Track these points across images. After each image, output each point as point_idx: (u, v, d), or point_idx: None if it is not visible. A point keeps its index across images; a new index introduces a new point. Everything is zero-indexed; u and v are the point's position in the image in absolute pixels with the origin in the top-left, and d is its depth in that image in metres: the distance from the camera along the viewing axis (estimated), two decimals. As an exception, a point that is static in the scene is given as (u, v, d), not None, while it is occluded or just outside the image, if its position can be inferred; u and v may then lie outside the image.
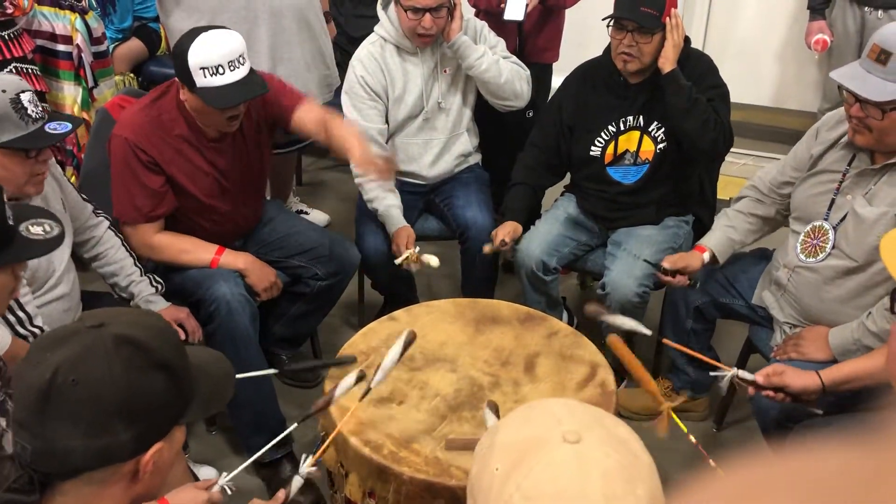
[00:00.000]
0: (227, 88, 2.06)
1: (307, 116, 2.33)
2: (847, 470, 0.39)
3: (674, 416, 1.72)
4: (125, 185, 2.21)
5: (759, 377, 1.87)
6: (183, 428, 1.10)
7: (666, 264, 2.27)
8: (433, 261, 2.39)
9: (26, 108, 1.83)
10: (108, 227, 2.24)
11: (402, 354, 1.61)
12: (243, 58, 2.10)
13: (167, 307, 2.23)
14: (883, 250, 1.58)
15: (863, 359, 1.87)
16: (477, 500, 0.94)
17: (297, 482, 1.50)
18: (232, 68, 2.06)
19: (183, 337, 2.19)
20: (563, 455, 0.89)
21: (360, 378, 1.66)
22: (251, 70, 2.13)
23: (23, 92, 1.84)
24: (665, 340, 2.13)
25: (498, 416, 1.55)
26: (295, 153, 3.36)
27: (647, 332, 1.84)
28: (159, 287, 2.27)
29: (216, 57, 2.04)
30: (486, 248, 2.47)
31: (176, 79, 2.18)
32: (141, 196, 2.20)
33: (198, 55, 2.04)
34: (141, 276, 2.25)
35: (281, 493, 1.47)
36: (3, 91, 1.81)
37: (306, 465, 1.52)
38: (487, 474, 0.92)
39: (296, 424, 1.71)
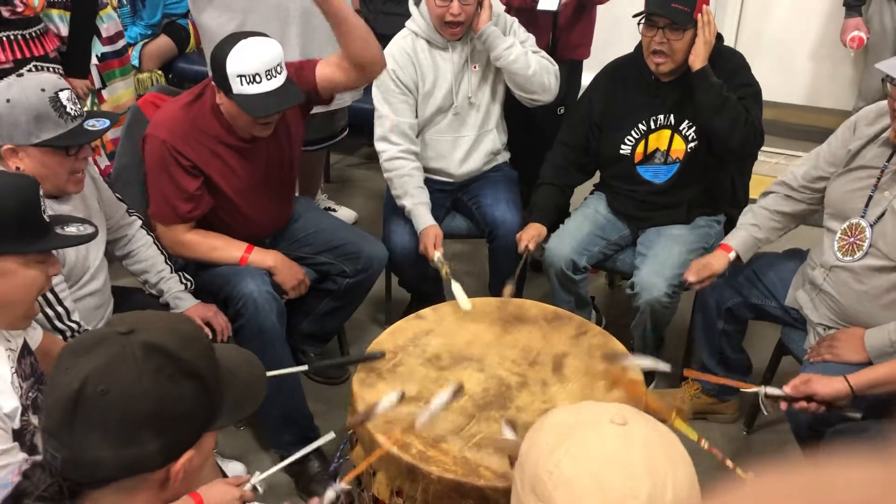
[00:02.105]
0: (263, 97, 2.07)
1: (327, 69, 2.28)
2: (867, 481, 0.39)
3: (683, 427, 1.66)
4: (161, 187, 2.22)
5: (787, 389, 1.84)
6: (214, 434, 1.09)
7: (691, 278, 2.23)
8: (465, 304, 2.13)
9: (65, 107, 1.84)
10: (141, 226, 2.27)
11: (449, 402, 1.68)
12: (281, 67, 2.10)
13: (195, 304, 2.25)
14: None
15: (893, 363, 1.84)
16: (525, 471, 0.99)
17: (329, 496, 1.52)
18: (269, 77, 2.06)
19: (211, 335, 2.20)
20: (612, 430, 0.98)
21: (401, 398, 1.72)
22: (287, 79, 2.13)
23: (62, 90, 1.85)
24: (687, 372, 2.08)
25: (515, 432, 1.58)
26: (324, 150, 3.37)
27: (666, 368, 1.81)
28: (188, 284, 2.29)
29: (254, 66, 2.04)
30: (508, 290, 2.21)
31: (211, 81, 2.20)
32: (179, 199, 2.22)
33: (236, 63, 2.04)
34: (171, 273, 2.27)
35: (314, 501, 1.48)
36: (43, 90, 1.82)
37: (341, 484, 1.55)
38: (537, 448, 1.00)
39: (332, 435, 1.72)
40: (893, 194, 1.95)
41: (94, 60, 2.98)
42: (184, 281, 2.28)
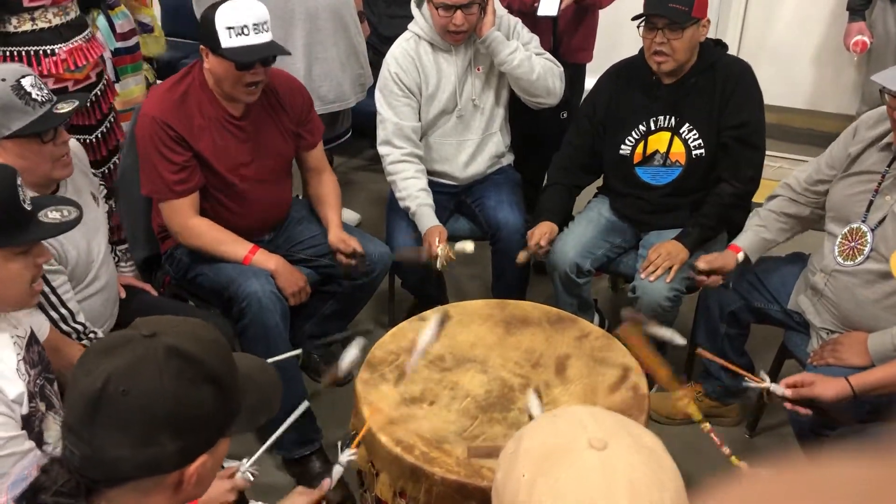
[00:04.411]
0: (251, 48, 2.14)
1: (309, 162, 2.54)
2: (861, 479, 0.39)
3: (693, 409, 1.71)
4: (151, 161, 2.24)
5: (787, 388, 1.84)
6: (228, 440, 1.10)
7: (701, 264, 2.24)
8: (468, 246, 2.33)
9: (30, 93, 1.78)
10: None
11: (438, 334, 1.69)
12: (268, 25, 2.17)
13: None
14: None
15: (894, 364, 1.84)
16: (503, 502, 0.95)
17: (337, 470, 1.54)
18: (257, 31, 2.14)
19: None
20: (590, 462, 0.91)
21: (363, 348, 1.75)
22: (274, 41, 2.20)
23: (23, 77, 1.79)
24: (699, 351, 2.11)
25: (542, 401, 1.56)
26: (328, 153, 3.38)
27: (682, 341, 1.82)
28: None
29: (243, 18, 2.12)
30: (521, 257, 2.46)
31: (196, 60, 2.26)
32: (167, 170, 2.23)
33: (225, 16, 2.12)
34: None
35: (326, 482, 1.50)
36: (3, 80, 1.76)
37: (346, 455, 1.56)
38: (513, 481, 0.93)
39: (306, 404, 1.73)
40: (894, 199, 1.95)
41: (108, 54, 2.99)
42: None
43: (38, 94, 1.80)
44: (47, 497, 1.00)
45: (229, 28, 2.11)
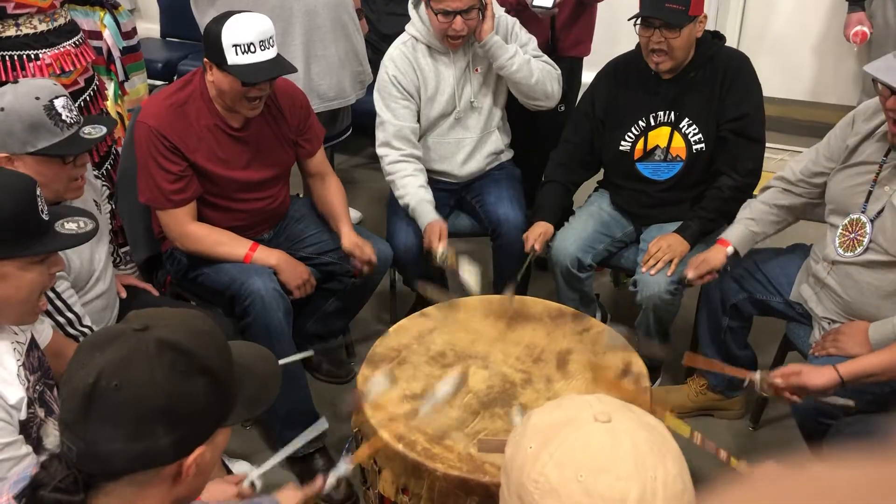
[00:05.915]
0: (257, 65, 2.13)
1: (312, 167, 2.54)
2: (867, 479, 0.39)
3: (675, 424, 1.61)
4: (149, 169, 2.24)
5: (778, 379, 1.85)
6: (227, 430, 1.10)
7: (690, 274, 2.24)
8: (471, 279, 2.25)
9: (60, 114, 1.82)
10: None
11: (453, 393, 1.73)
12: (273, 40, 2.16)
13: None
14: None
15: (883, 351, 1.83)
16: (511, 478, 0.97)
17: (331, 480, 1.53)
18: (263, 48, 2.13)
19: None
20: (594, 431, 0.95)
21: (392, 380, 1.74)
22: (279, 54, 2.19)
23: (56, 98, 1.83)
24: (688, 357, 2.07)
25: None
26: (328, 150, 3.38)
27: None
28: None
29: (249, 36, 2.10)
30: (509, 291, 2.27)
31: (199, 68, 2.25)
32: (165, 180, 2.23)
33: (232, 33, 2.10)
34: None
35: (319, 480, 1.52)
36: (37, 98, 1.80)
37: (344, 466, 1.57)
38: (521, 452, 0.97)
39: (325, 423, 1.73)
40: (893, 189, 1.95)
41: (118, 53, 3.00)
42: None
43: (67, 116, 1.84)
44: (46, 492, 1.00)
45: (235, 45, 2.10)
